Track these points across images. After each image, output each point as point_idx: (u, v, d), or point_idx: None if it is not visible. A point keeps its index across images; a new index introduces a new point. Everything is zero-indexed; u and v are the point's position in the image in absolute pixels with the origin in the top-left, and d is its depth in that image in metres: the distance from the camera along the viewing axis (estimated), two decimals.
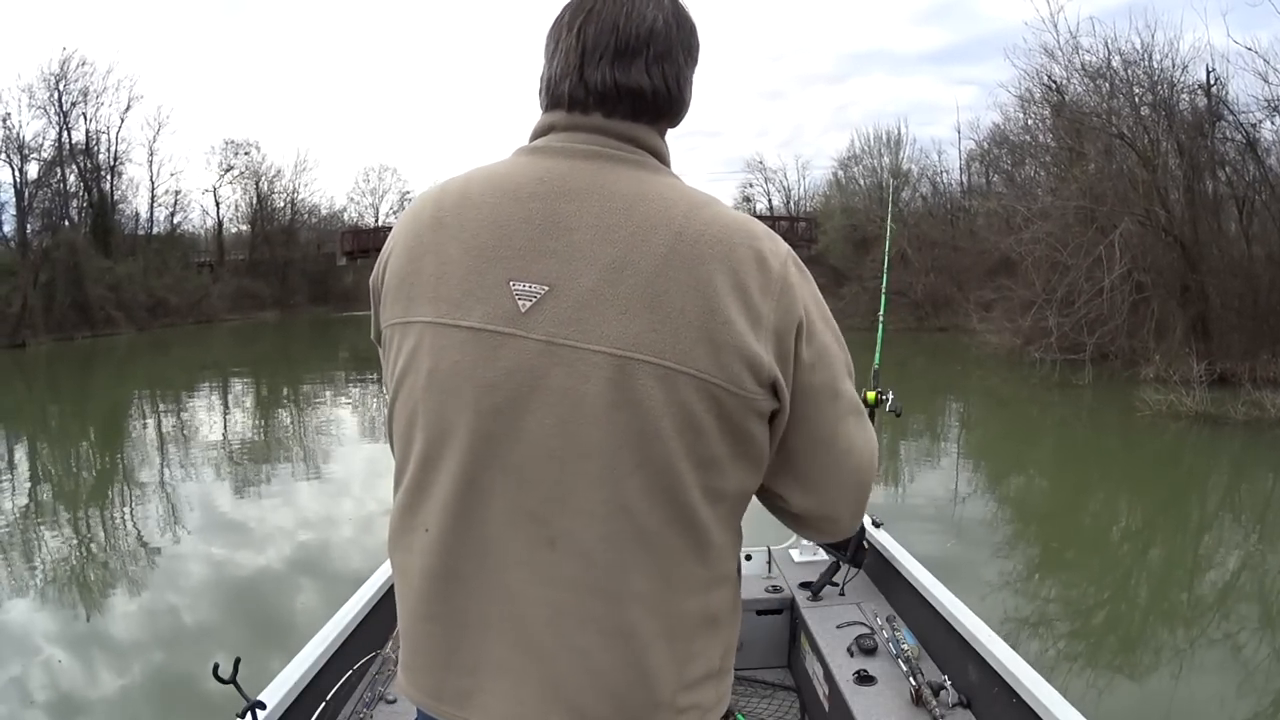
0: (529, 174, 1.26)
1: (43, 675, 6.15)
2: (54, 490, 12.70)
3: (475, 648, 1.25)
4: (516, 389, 1.18)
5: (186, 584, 8.01)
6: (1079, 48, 23.85)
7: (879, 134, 45.16)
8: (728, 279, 1.18)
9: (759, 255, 1.21)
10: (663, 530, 1.19)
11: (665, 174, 1.29)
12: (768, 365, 1.19)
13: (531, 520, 1.20)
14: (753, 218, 1.28)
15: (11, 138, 39.18)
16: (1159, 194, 20.62)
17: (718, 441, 1.19)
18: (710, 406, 1.17)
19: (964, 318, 27.17)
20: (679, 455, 1.17)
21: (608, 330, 1.16)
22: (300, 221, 54.68)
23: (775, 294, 1.20)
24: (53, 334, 35.38)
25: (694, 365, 1.16)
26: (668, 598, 1.22)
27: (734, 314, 1.17)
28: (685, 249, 1.18)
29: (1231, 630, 6.93)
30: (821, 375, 1.26)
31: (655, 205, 1.22)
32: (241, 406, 21.62)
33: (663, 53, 1.28)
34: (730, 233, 1.21)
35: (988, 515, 10.47)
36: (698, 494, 1.20)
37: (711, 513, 1.23)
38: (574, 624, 1.20)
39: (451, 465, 1.23)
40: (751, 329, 1.18)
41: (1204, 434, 14.10)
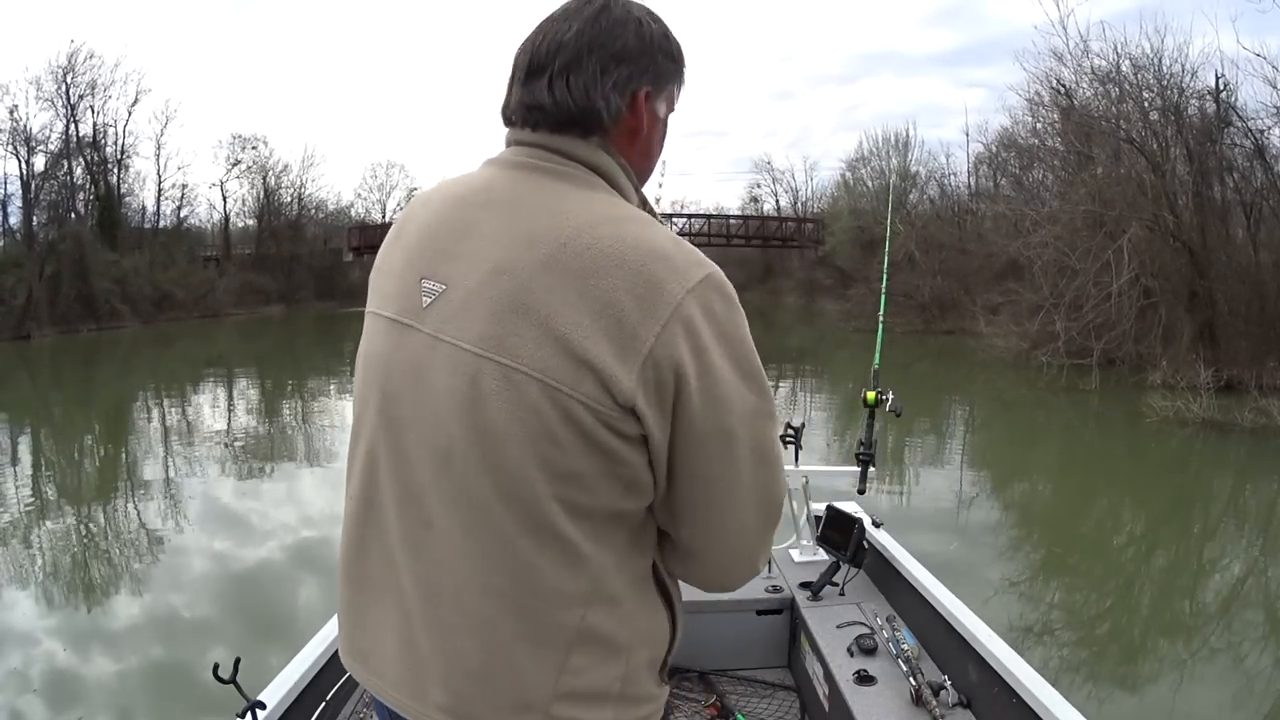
0: (472, 182, 1.35)
1: (44, 674, 6.13)
2: (57, 484, 12.71)
3: (374, 611, 1.35)
4: (406, 377, 1.27)
5: (188, 580, 8.00)
6: (1088, 51, 23.85)
7: (887, 136, 45.23)
8: (603, 295, 1.15)
9: (652, 278, 1.16)
10: (520, 535, 1.20)
11: (595, 189, 1.29)
12: (628, 389, 1.15)
13: (414, 501, 1.26)
14: (673, 240, 1.23)
15: (19, 130, 39.14)
16: (1168, 199, 20.57)
17: (576, 455, 1.18)
18: (563, 417, 1.16)
19: (970, 321, 27.16)
20: (531, 463, 1.18)
21: (477, 329, 1.19)
22: (307, 217, 54.75)
23: (661, 320, 1.15)
24: (57, 327, 35.33)
25: (548, 374, 1.15)
26: (530, 603, 1.22)
27: (602, 330, 1.15)
28: (566, 259, 1.17)
29: (1234, 639, 6.90)
30: (713, 418, 1.20)
31: (556, 217, 1.22)
32: (246, 401, 21.61)
33: (568, 64, 1.28)
34: (623, 248, 1.18)
35: (992, 519, 10.44)
36: (555, 505, 1.20)
37: (576, 528, 1.21)
38: (446, 604, 1.25)
39: (364, 441, 1.35)
40: (617, 348, 1.15)
41: (1210, 441, 14.06)
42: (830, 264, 44.71)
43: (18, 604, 7.46)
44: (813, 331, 36.55)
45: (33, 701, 5.72)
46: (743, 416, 1.22)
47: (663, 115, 1.38)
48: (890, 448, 13.73)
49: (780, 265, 55.68)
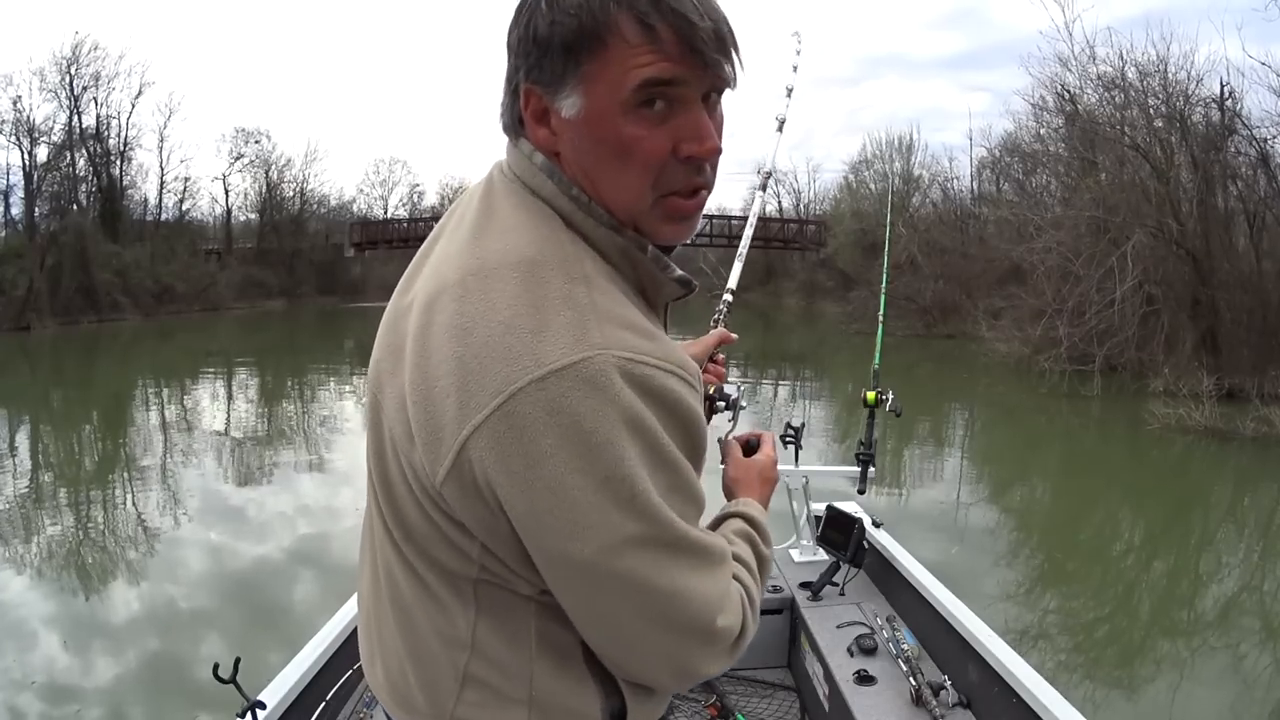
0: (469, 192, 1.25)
1: (42, 672, 6.11)
2: (55, 476, 12.66)
3: (363, 613, 1.34)
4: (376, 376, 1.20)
5: (188, 578, 7.98)
6: (1094, 57, 23.84)
7: (891, 139, 45.15)
8: (432, 370, 1.02)
9: (479, 355, 0.98)
10: (400, 571, 1.18)
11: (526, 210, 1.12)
12: (439, 482, 1.01)
13: (370, 497, 1.25)
14: (553, 309, 1.00)
15: (22, 120, 39.27)
16: (1172, 206, 20.54)
17: (412, 512, 1.11)
18: (399, 473, 1.11)
19: (972, 325, 27.13)
20: (387, 506, 1.16)
21: (377, 354, 1.17)
22: (309, 212, 54.82)
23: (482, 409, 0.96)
24: (58, 318, 35.35)
25: (393, 427, 1.10)
26: (413, 627, 1.18)
27: (424, 409, 1.02)
28: (424, 311, 1.07)
29: (1233, 645, 6.90)
30: (553, 545, 1.00)
31: (457, 250, 1.11)
32: (246, 395, 21.63)
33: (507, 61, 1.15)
34: (468, 316, 1.02)
35: (993, 523, 10.39)
36: (411, 551, 1.15)
37: (437, 579, 1.13)
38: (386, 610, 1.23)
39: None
40: (429, 436, 1.02)
41: (1212, 448, 14.01)
42: (832, 266, 44.65)
43: (16, 600, 7.44)
44: (813, 334, 36.56)
45: (31, 700, 5.71)
46: (605, 548, 0.98)
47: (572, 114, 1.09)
48: (891, 450, 13.71)
49: (782, 267, 55.63)
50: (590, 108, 1.07)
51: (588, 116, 1.07)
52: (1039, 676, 2.79)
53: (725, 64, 1.08)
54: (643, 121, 1.06)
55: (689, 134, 1.08)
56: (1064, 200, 25.43)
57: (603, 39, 1.03)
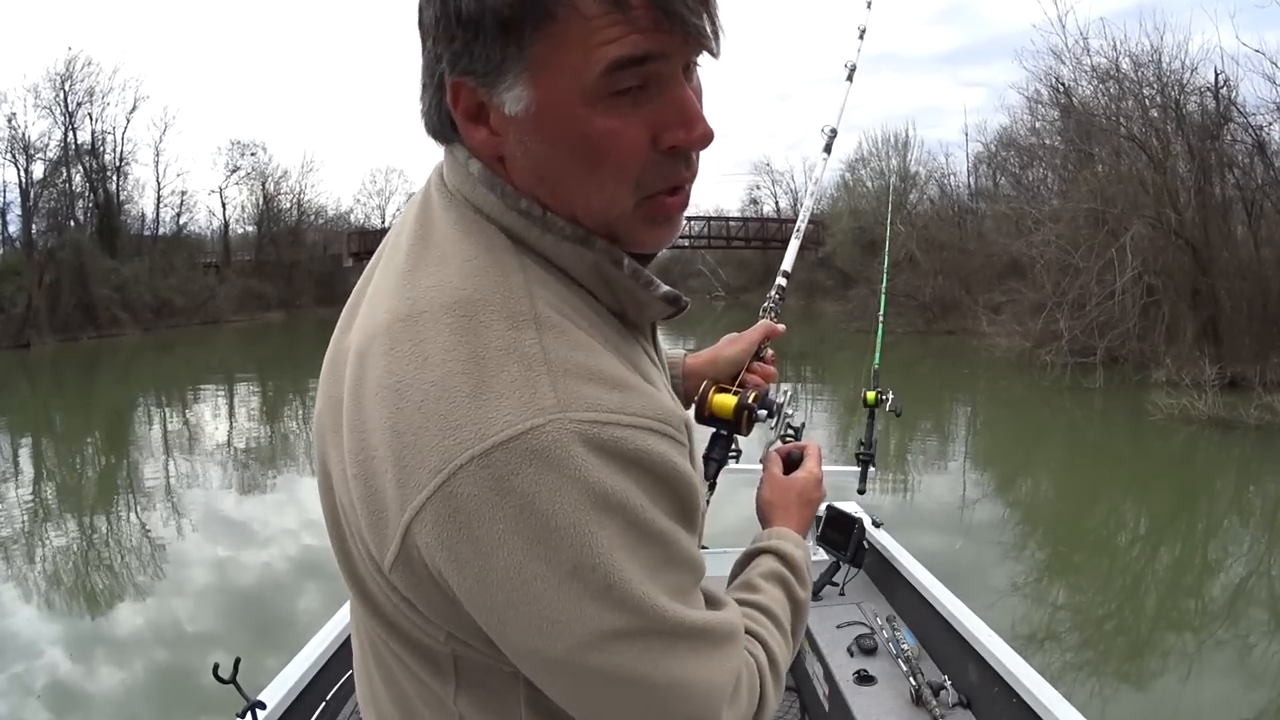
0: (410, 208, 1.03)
1: (45, 674, 6.16)
2: (58, 490, 12.69)
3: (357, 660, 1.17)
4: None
5: (189, 584, 8.00)
6: (1088, 49, 23.84)
7: (886, 136, 45.07)
8: (370, 436, 0.85)
9: (424, 424, 0.81)
10: (370, 626, 1.02)
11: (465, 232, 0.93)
12: (388, 567, 0.85)
13: None
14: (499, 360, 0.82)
15: (17, 138, 39.19)
16: (1170, 196, 20.52)
17: (372, 582, 0.93)
18: (353, 543, 0.93)
19: (972, 321, 27.07)
20: (343, 567, 0.98)
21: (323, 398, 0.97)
22: (307, 223, 54.75)
23: (423, 488, 0.80)
24: (58, 334, 35.33)
25: (340, 496, 0.92)
26: (402, 693, 1.02)
27: (361, 484, 0.86)
28: (356, 366, 0.90)
29: (1241, 636, 6.88)
30: (522, 642, 0.83)
31: (385, 289, 0.93)
32: (247, 408, 21.59)
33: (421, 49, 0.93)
34: (408, 375, 0.84)
35: (997, 518, 10.38)
36: (372, 623, 0.99)
37: (408, 652, 0.97)
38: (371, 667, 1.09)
39: None
40: (371, 518, 0.85)
41: (1215, 438, 13.98)
42: (830, 265, 44.60)
43: (19, 608, 7.48)
44: (813, 333, 36.43)
45: (33, 703, 5.74)
46: (581, 644, 0.81)
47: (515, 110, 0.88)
48: (893, 448, 13.69)
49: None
50: (543, 100, 0.86)
51: (540, 111, 0.86)
52: (1039, 676, 2.78)
53: (708, 27, 0.85)
54: (614, 111, 0.86)
55: (673, 119, 0.88)
56: (1061, 193, 25.43)
57: (551, 12, 0.81)
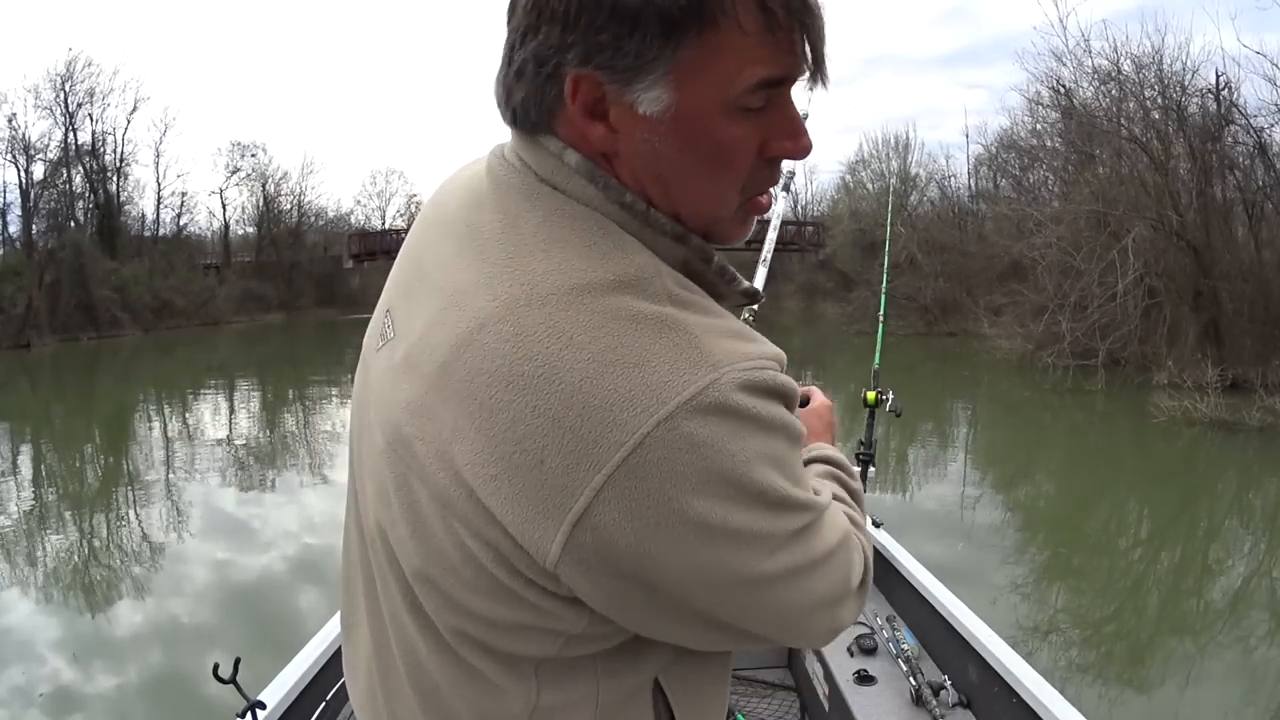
0: (459, 187, 1.05)
1: (47, 674, 6.18)
2: (58, 491, 12.70)
3: (357, 631, 1.15)
4: (358, 420, 1.10)
5: (189, 585, 8.01)
6: (1090, 50, 23.84)
7: (887, 138, 45.06)
8: (513, 423, 0.82)
9: (591, 406, 0.80)
10: (426, 651, 0.98)
11: (559, 221, 0.92)
12: (551, 555, 0.82)
13: (371, 547, 1.05)
14: (664, 328, 0.84)
15: (17, 138, 39.24)
16: (1171, 198, 20.50)
17: (478, 597, 0.89)
18: (465, 556, 0.88)
19: (974, 322, 27.15)
20: (425, 584, 0.94)
21: (389, 411, 0.95)
22: (307, 224, 54.59)
23: (605, 466, 0.79)
24: (58, 335, 35.34)
25: (448, 503, 0.87)
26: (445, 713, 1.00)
27: (509, 475, 0.82)
28: (474, 354, 0.86)
29: (1242, 639, 6.90)
30: (722, 579, 0.85)
31: (484, 275, 0.91)
32: (247, 409, 21.62)
33: (523, 34, 0.89)
34: (560, 356, 0.82)
35: (998, 520, 10.36)
36: (453, 636, 0.95)
37: (488, 662, 0.95)
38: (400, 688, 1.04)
39: (350, 476, 1.16)
40: (534, 504, 0.82)
41: (1218, 440, 13.97)
42: (831, 267, 44.58)
43: (21, 614, 7.47)
44: (814, 335, 36.43)
45: (34, 703, 5.75)
46: (774, 555, 0.87)
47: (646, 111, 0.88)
48: (895, 450, 13.68)
49: (780, 269, 55.42)
50: (683, 104, 0.87)
51: (679, 114, 0.87)
52: (1039, 676, 2.77)
53: (828, 64, 0.94)
54: (743, 122, 0.90)
55: (783, 131, 0.95)
56: (1063, 195, 25.43)
57: (715, 21, 0.83)
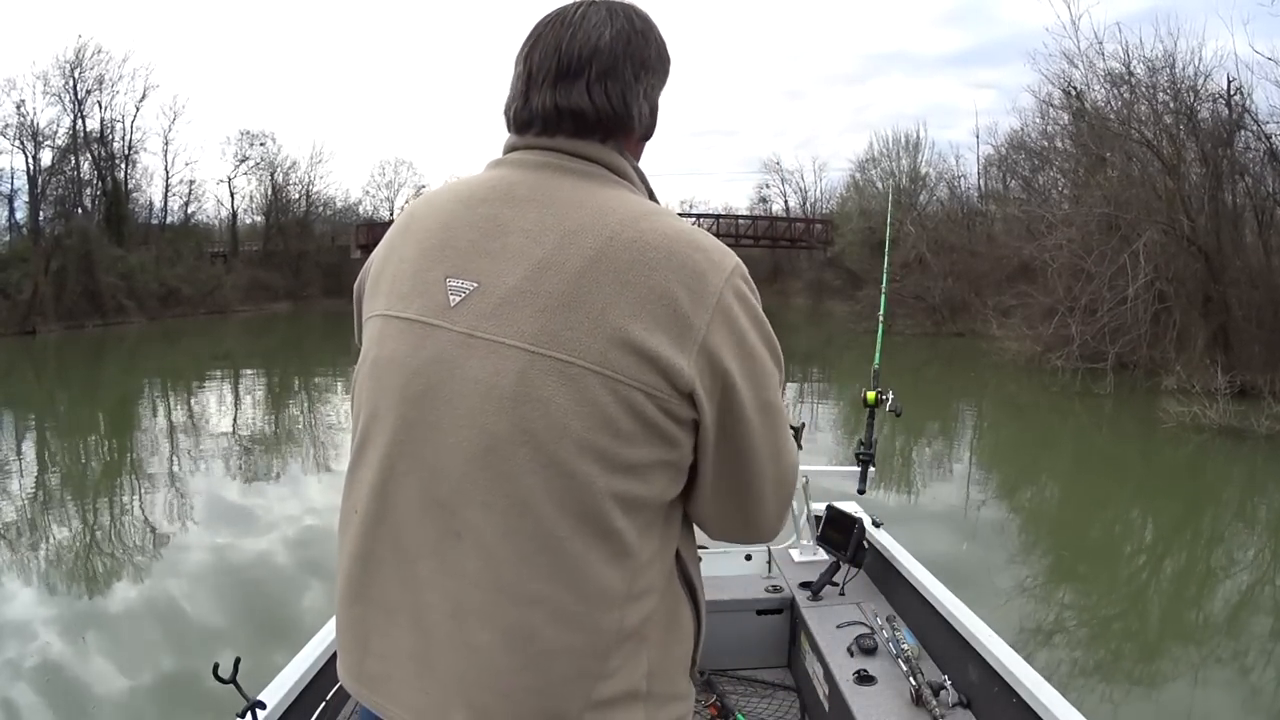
0: (484, 182, 1.32)
1: (48, 670, 6.14)
2: (61, 479, 12.65)
3: (388, 633, 1.27)
4: (435, 377, 1.21)
5: (191, 580, 7.96)
6: (1102, 53, 23.75)
7: (897, 136, 45.00)
8: (656, 287, 1.18)
9: (695, 268, 1.20)
10: (570, 535, 1.17)
11: (616, 185, 1.30)
12: (687, 375, 1.18)
13: (441, 510, 1.21)
14: (700, 230, 1.27)
15: (25, 125, 39.23)
16: (1183, 203, 20.43)
17: (637, 445, 1.18)
18: (625, 408, 1.16)
19: (982, 323, 27.11)
20: (589, 458, 1.16)
21: (524, 326, 1.18)
22: (315, 214, 54.89)
23: (709, 308, 1.19)
24: (63, 322, 35.37)
25: (609, 366, 1.15)
26: (576, 607, 1.19)
27: (657, 320, 1.17)
28: (615, 253, 1.19)
29: (1245, 644, 6.85)
30: (756, 393, 1.25)
31: (592, 211, 1.23)
32: (252, 398, 21.61)
33: (606, 70, 1.29)
34: (668, 242, 1.20)
35: (1003, 523, 10.31)
36: (610, 500, 1.18)
37: (628, 521, 1.20)
38: (476, 620, 1.19)
39: (378, 450, 1.27)
40: (674, 337, 1.17)
41: (1225, 447, 13.88)
42: (839, 265, 44.53)
43: (21, 600, 7.47)
44: (821, 333, 36.43)
45: (30, 699, 5.72)
46: (774, 388, 1.29)
47: None
48: (900, 450, 13.67)
49: (789, 266, 55.55)
50: None
51: None
52: (1039, 676, 2.77)
53: None
54: None
55: None
56: (1074, 198, 25.35)
57: None
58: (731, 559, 4.22)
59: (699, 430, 1.23)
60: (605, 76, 1.29)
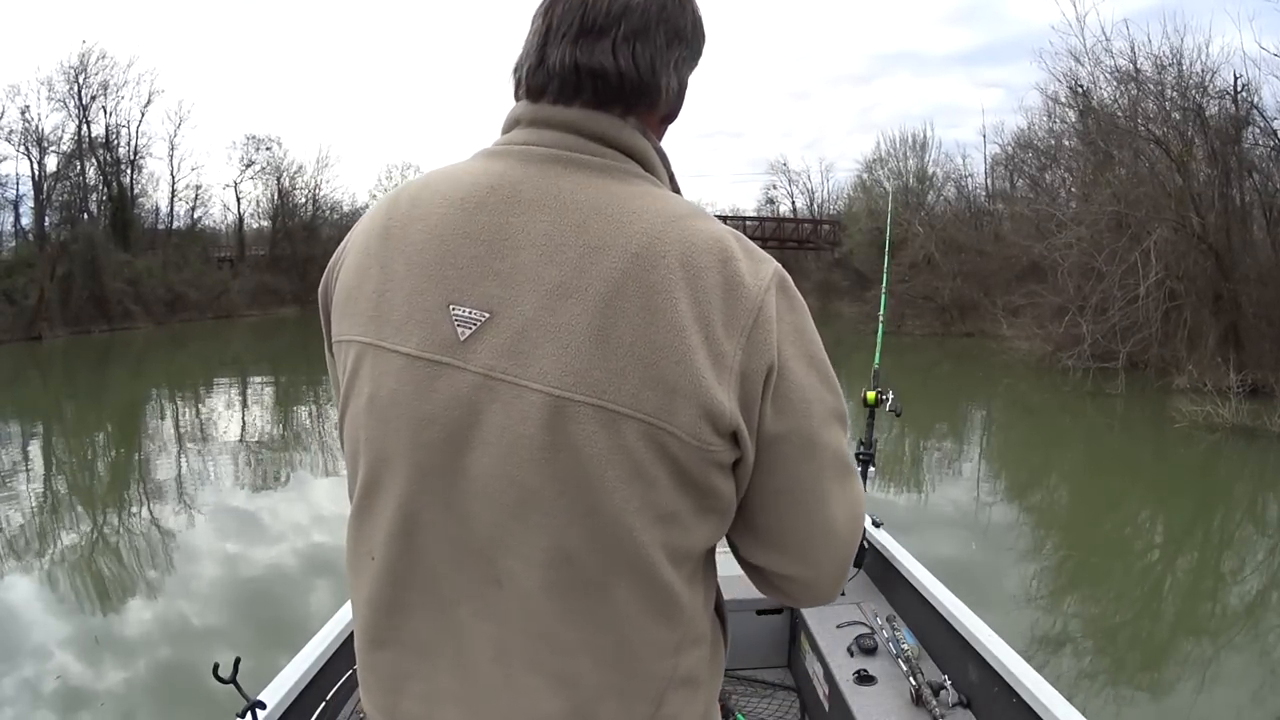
0: (481, 181, 1.16)
1: (52, 669, 6.20)
2: (67, 484, 12.67)
3: (427, 676, 1.19)
4: (454, 424, 1.09)
5: (196, 582, 8.00)
6: (1110, 50, 23.75)
7: (904, 136, 44.97)
8: (689, 310, 1.04)
9: (730, 281, 1.07)
10: (615, 586, 1.09)
11: (640, 181, 1.15)
12: (729, 413, 1.05)
13: (477, 559, 1.11)
14: (735, 233, 1.13)
15: (30, 130, 39.17)
16: (1193, 200, 20.36)
17: (675, 495, 1.07)
18: (660, 455, 1.05)
19: (991, 323, 27.07)
20: (629, 508, 1.06)
21: (546, 365, 1.05)
22: (322, 218, 54.76)
23: (746, 328, 1.06)
24: (69, 327, 35.30)
25: (642, 409, 1.03)
26: (623, 656, 1.12)
27: (692, 351, 1.03)
28: (641, 274, 1.05)
29: (1258, 645, 6.88)
30: (794, 423, 1.10)
31: (614, 220, 1.08)
32: (260, 403, 21.58)
33: (636, 30, 1.15)
34: (698, 254, 1.07)
35: (1014, 525, 10.28)
36: (656, 551, 1.08)
37: (675, 572, 1.11)
38: (520, 664, 1.12)
39: (392, 496, 1.15)
40: (712, 368, 1.04)
41: (1238, 446, 13.80)
42: (847, 266, 44.49)
43: (30, 607, 7.49)
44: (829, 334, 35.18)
45: (30, 699, 5.76)
46: (823, 420, 1.13)
47: None
48: (908, 450, 13.67)
49: (796, 267, 55.34)
50: None
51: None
52: (1039, 676, 2.77)
53: None
54: None
55: None
56: (1083, 196, 25.33)
57: None
58: (731, 559, 4.18)
59: (738, 469, 1.12)
60: (635, 37, 1.15)
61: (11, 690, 5.91)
